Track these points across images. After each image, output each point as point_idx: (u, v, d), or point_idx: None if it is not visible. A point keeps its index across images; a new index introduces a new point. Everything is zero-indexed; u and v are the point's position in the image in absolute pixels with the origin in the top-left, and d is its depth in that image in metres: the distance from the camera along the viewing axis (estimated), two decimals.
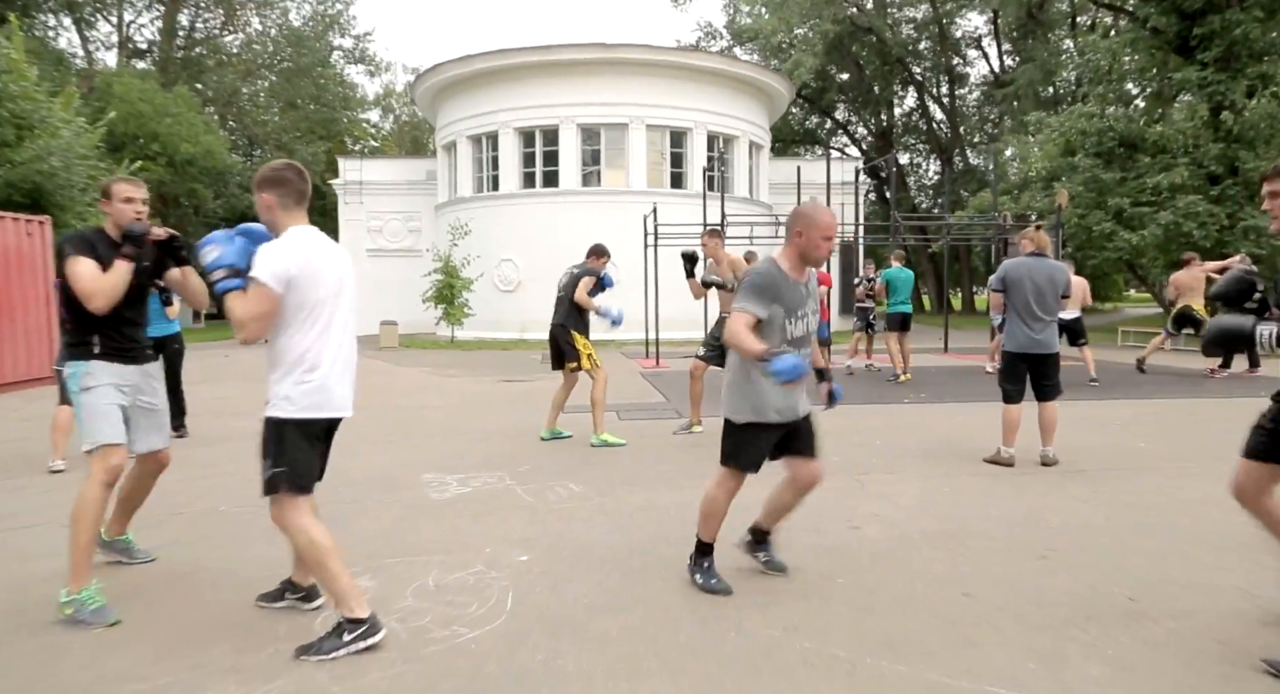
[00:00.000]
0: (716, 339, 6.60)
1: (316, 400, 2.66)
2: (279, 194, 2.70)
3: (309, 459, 2.71)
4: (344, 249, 2.89)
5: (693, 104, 21.12)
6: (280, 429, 2.66)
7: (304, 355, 2.64)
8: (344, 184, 25.81)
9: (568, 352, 6.29)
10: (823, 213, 3.02)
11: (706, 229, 6.78)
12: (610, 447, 6.16)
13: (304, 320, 2.63)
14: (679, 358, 14.24)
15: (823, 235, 2.96)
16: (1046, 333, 5.24)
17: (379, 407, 8.65)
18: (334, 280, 2.70)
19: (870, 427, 6.95)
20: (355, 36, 37.43)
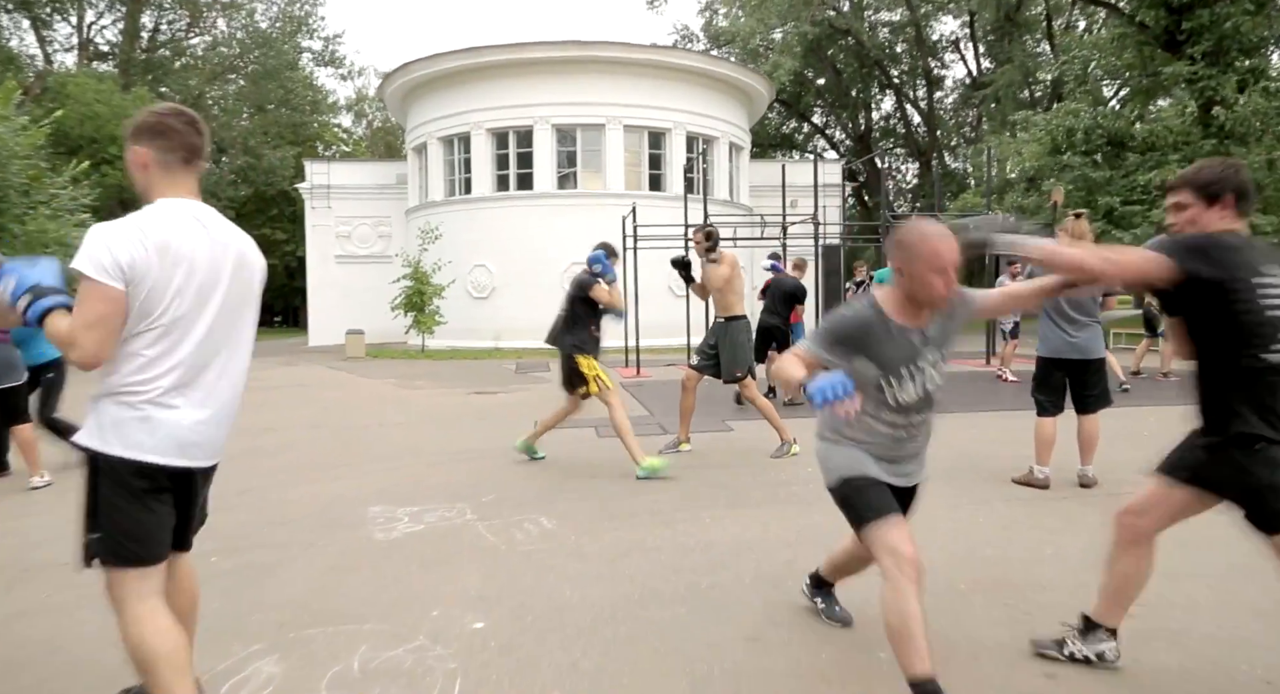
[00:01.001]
0: (713, 348, 5.92)
1: (155, 439, 1.89)
2: (159, 149, 1.96)
3: (139, 520, 1.90)
4: (239, 232, 2.13)
5: (671, 104, 20.50)
6: (94, 473, 1.90)
7: (143, 371, 1.88)
8: (311, 188, 24.88)
9: (575, 378, 5.43)
10: (929, 239, 2.15)
11: (701, 228, 6.10)
12: (658, 477, 5.11)
13: (150, 327, 1.88)
14: (660, 366, 13.55)
15: (931, 268, 2.13)
16: (1086, 335, 4.59)
17: (331, 425, 7.86)
18: (205, 275, 1.95)
19: None
20: (324, 38, 36.56)
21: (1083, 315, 4.59)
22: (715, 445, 6.27)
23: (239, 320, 2.07)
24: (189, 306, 1.92)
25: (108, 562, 1.90)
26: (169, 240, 1.88)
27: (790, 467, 5.42)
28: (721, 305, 5.95)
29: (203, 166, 2.07)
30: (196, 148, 2.02)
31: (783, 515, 4.21)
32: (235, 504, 4.68)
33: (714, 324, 6.03)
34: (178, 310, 1.90)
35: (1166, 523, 2.40)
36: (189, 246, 1.92)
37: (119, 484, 1.88)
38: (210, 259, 1.96)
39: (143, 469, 1.89)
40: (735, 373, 5.84)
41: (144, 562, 1.92)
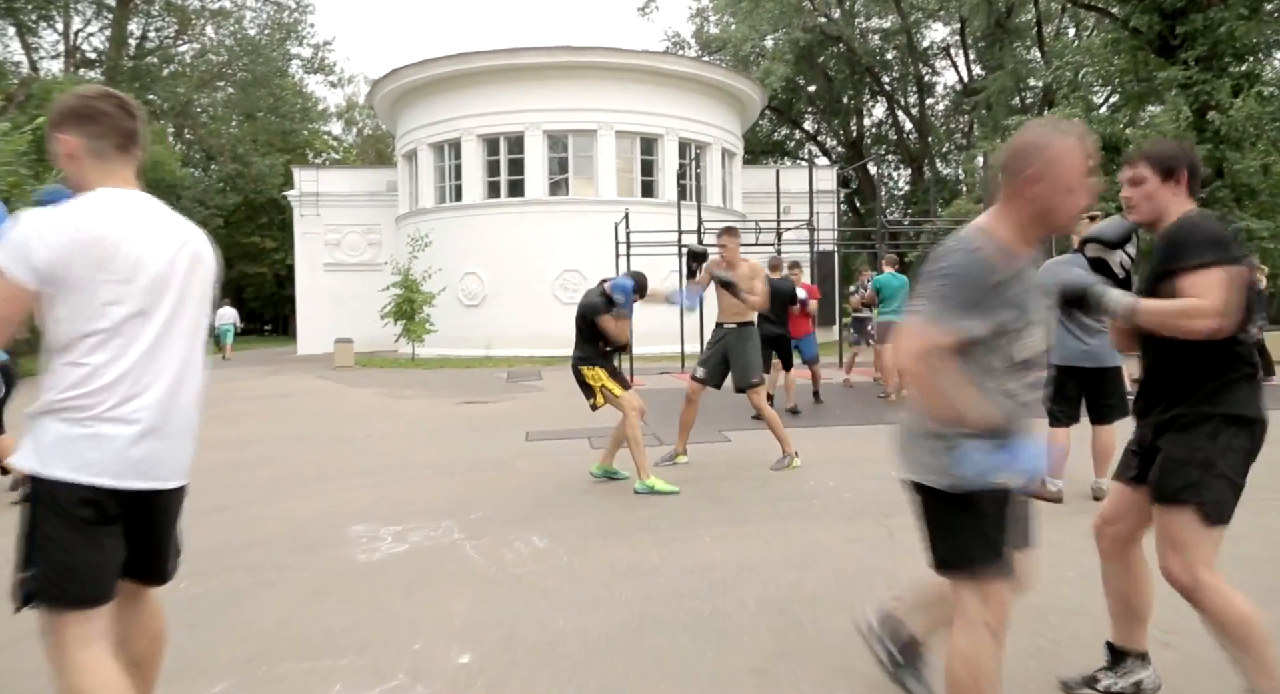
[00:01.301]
0: (717, 356, 5.71)
1: (106, 459, 1.66)
2: (89, 136, 1.75)
3: (81, 555, 1.67)
4: (190, 226, 1.91)
5: (663, 110, 20.36)
6: (32, 501, 1.67)
7: (87, 382, 1.66)
8: (299, 196, 24.61)
9: (583, 391, 5.26)
10: (1070, 140, 1.71)
11: (724, 228, 5.88)
12: (659, 494, 4.87)
13: (89, 332, 1.67)
14: (654, 375, 13.35)
15: (1072, 180, 1.68)
16: (1100, 342, 4.40)
17: (316, 437, 7.62)
18: (152, 274, 1.73)
19: (880, 453, 6.07)
20: (314, 45, 36.31)
21: (1098, 322, 4.41)
22: (713, 457, 6.07)
23: (196, 324, 1.86)
24: (135, 308, 1.70)
25: (45, 603, 1.68)
26: (105, 234, 1.67)
27: (792, 480, 5.22)
28: (729, 310, 5.71)
29: (140, 155, 1.86)
30: (131, 133, 1.81)
31: (786, 533, 4.01)
32: (209, 523, 4.45)
33: (719, 330, 5.79)
34: (120, 313, 1.68)
35: (1141, 525, 2.26)
36: (131, 242, 1.71)
37: (59, 514, 1.65)
38: (158, 256, 1.75)
39: (89, 496, 1.65)
40: (751, 379, 5.59)
41: (86, 603, 1.68)
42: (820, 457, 5.93)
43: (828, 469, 5.51)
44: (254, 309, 50.03)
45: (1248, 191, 14.90)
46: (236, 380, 14.64)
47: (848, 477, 5.27)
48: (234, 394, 11.95)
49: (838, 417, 8.03)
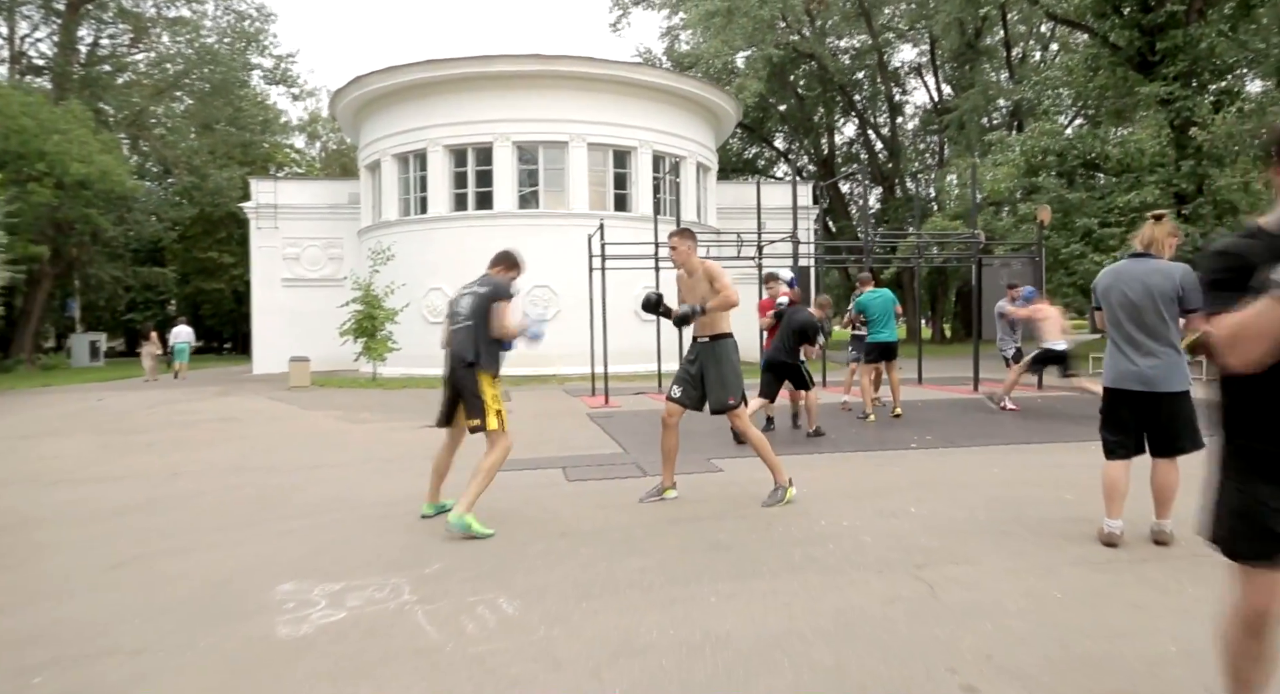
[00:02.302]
0: (695, 374, 5.02)
1: None
2: None
3: None
4: None
5: (637, 122, 19.83)
6: None
7: None
8: (256, 207, 23.61)
9: (470, 403, 4.49)
10: None
11: (677, 230, 5.22)
12: (475, 537, 4.22)
13: None
14: (629, 394, 12.66)
15: None
16: (1153, 363, 3.80)
17: (255, 468, 6.78)
18: None
19: (890, 483, 5.45)
20: (276, 57, 35.28)
21: (1151, 339, 3.82)
22: (704, 491, 5.37)
23: None
24: None
25: None
26: None
27: (800, 519, 4.55)
28: (703, 322, 5.02)
29: None
30: None
31: (808, 592, 3.33)
32: (103, 582, 3.66)
33: (694, 344, 5.11)
34: None
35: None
36: None
37: None
38: None
39: None
40: (728, 400, 4.92)
41: None
42: (823, 489, 5.27)
43: (836, 505, 4.85)
44: (212, 327, 48.42)
45: (1229, 208, 14.72)
46: (180, 402, 13.64)
47: (861, 514, 4.61)
48: (173, 417, 11.01)
49: (834, 442, 7.39)
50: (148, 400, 13.97)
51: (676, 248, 5.07)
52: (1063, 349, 8.79)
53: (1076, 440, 7.10)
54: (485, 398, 4.49)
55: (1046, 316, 8.91)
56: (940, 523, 4.36)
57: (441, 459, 4.87)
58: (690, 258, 5.07)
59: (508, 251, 4.91)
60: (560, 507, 5.01)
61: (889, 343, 8.99)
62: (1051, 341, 8.83)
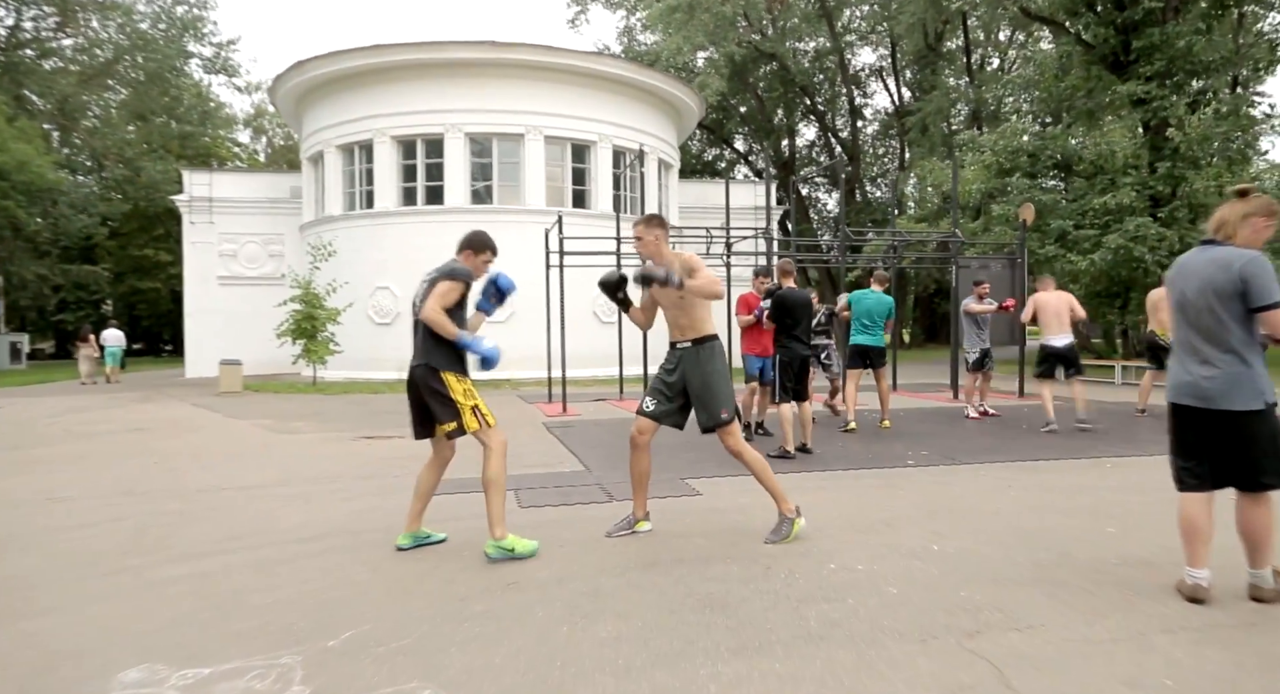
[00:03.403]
0: (673, 385, 4.17)
1: None
2: None
3: None
4: None
5: (597, 115, 19.00)
6: None
7: None
8: (190, 201, 22.16)
9: (438, 408, 3.79)
10: None
11: (643, 216, 4.35)
12: (516, 558, 3.76)
13: None
14: (588, 401, 11.80)
15: None
16: (1210, 373, 3.03)
17: (149, 491, 5.74)
18: None
19: (898, 510, 4.68)
20: (216, 44, 33.59)
21: (1209, 344, 3.07)
22: (683, 521, 4.53)
23: None
24: None
25: None
26: None
27: (801, 559, 3.73)
28: (682, 324, 4.17)
29: None
30: None
31: (836, 676, 2.50)
32: None
33: (672, 352, 4.26)
34: None
35: None
36: None
37: None
38: None
39: None
40: (720, 415, 4.07)
41: None
42: (823, 518, 4.47)
43: (842, 540, 4.06)
44: (149, 328, 46.07)
45: (1205, 211, 14.39)
46: (93, 409, 12.35)
47: (875, 553, 3.82)
48: (76, 428, 9.80)
49: (820, 457, 6.62)
50: (53, 409, 12.63)
51: (643, 237, 4.18)
52: (1065, 345, 8.09)
53: (1088, 456, 6.46)
54: (454, 395, 3.77)
55: (1044, 307, 8.12)
56: (975, 566, 3.58)
57: (425, 477, 4.06)
58: (661, 248, 4.20)
59: (473, 233, 4.08)
60: None
61: (869, 346, 8.27)
62: (1049, 337, 8.16)
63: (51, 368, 31.14)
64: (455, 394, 3.76)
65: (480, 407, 3.81)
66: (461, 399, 3.76)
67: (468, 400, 3.77)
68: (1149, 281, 16.92)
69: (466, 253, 3.97)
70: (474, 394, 3.82)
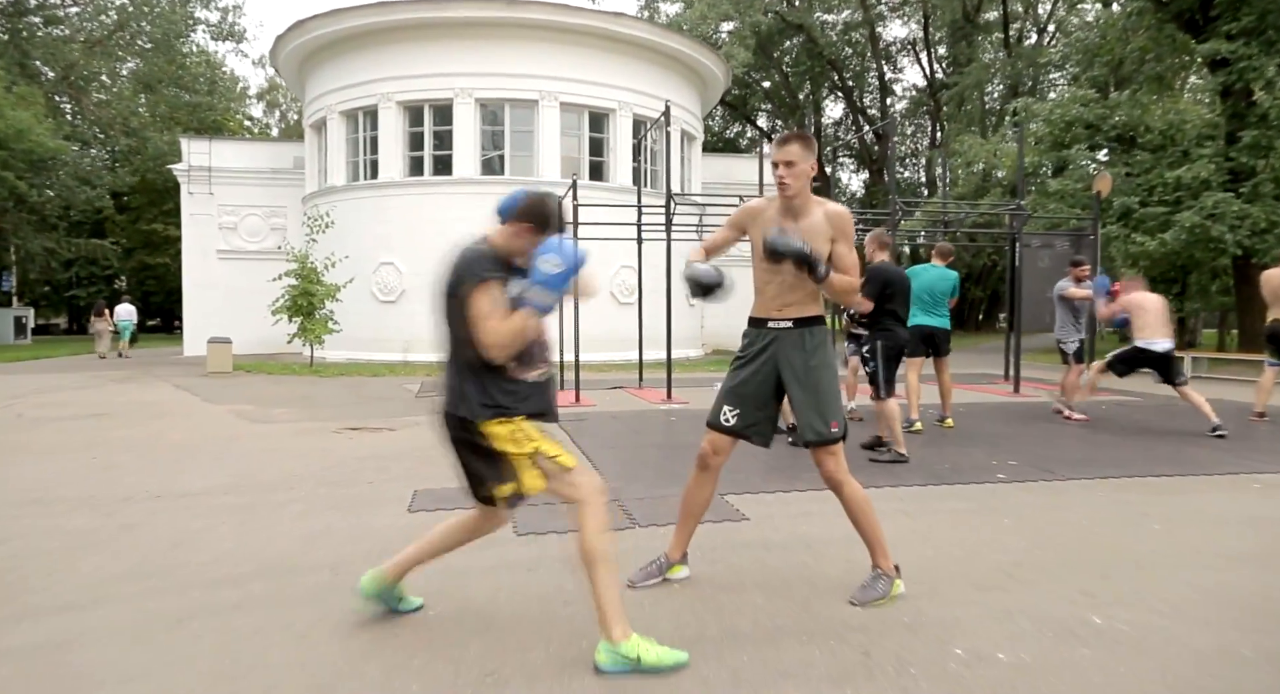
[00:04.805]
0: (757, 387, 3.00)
1: None
2: None
3: None
4: None
5: (616, 81, 17.73)
6: None
7: None
8: (188, 170, 21.13)
9: (483, 467, 2.50)
10: None
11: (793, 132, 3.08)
12: (645, 671, 2.34)
13: None
14: (605, 389, 10.68)
15: None
16: None
17: (60, 500, 4.66)
18: None
19: (1014, 550, 3.50)
20: (221, 9, 32.46)
21: None
22: (728, 563, 3.40)
23: None
24: None
25: None
26: None
27: (906, 635, 2.59)
28: (788, 297, 2.93)
29: None
30: None
31: None
32: None
33: (759, 332, 3.02)
34: None
35: None
36: None
37: None
38: None
39: None
40: (831, 429, 2.88)
41: None
42: (920, 562, 3.32)
43: (959, 603, 2.91)
44: (160, 304, 45.27)
45: None
46: (64, 390, 11.38)
47: (1015, 629, 2.68)
48: (30, 411, 8.78)
49: (885, 466, 5.47)
50: (23, 388, 11.67)
51: (794, 163, 2.83)
52: (1165, 350, 6.92)
53: (1221, 471, 5.26)
54: (503, 448, 2.46)
55: (1143, 307, 7.01)
56: (1176, 658, 2.42)
57: (453, 530, 2.78)
58: (808, 186, 2.92)
59: (533, 196, 2.53)
60: (497, 596, 3.01)
61: (934, 329, 7.05)
62: (1149, 339, 6.96)
63: (59, 343, 30.46)
64: (503, 444, 2.46)
65: (541, 450, 2.49)
66: (514, 448, 2.46)
67: (523, 448, 2.47)
68: (1216, 265, 15.55)
69: (521, 227, 2.47)
70: (530, 435, 2.49)
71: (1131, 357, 7.09)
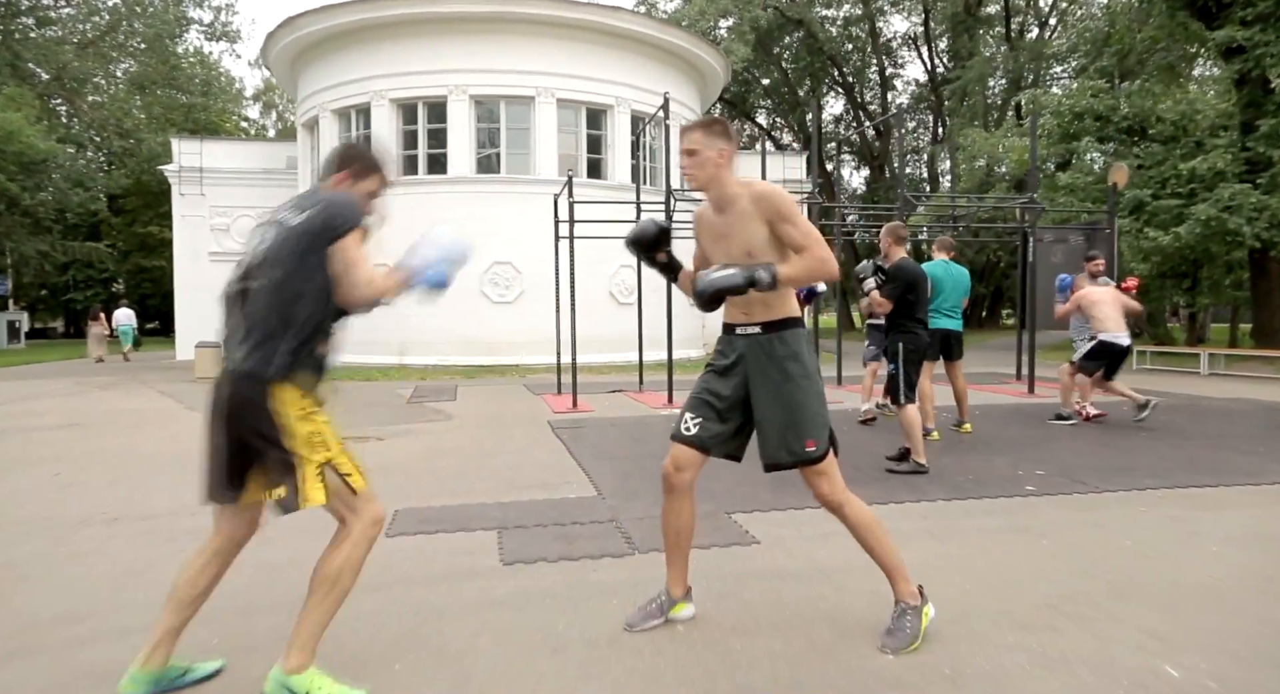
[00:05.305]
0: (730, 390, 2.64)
1: None
2: None
3: None
4: None
5: (614, 77, 17.35)
6: None
7: None
8: (179, 171, 20.76)
9: (264, 453, 2.11)
10: None
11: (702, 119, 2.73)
12: None
13: None
14: (603, 393, 10.31)
15: None
16: None
17: (21, 523, 4.29)
18: None
19: (1063, 581, 3.12)
20: (214, 8, 32.09)
21: None
22: (737, 597, 3.03)
23: None
24: None
25: None
26: None
27: (950, 690, 2.22)
28: (747, 297, 2.55)
29: None
30: None
31: None
32: None
33: (730, 340, 2.67)
34: None
35: None
36: None
37: None
38: None
39: None
40: (803, 445, 2.51)
41: None
42: (952, 592, 2.95)
43: (1003, 647, 2.54)
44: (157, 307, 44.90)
45: None
46: (42, 397, 11.01)
47: (1074, 683, 2.30)
48: (3, 421, 8.42)
49: (909, 478, 5.10)
50: (2, 396, 11.31)
51: (698, 152, 2.51)
52: (1128, 345, 6.67)
53: (1269, 480, 4.89)
54: (292, 435, 2.09)
55: (1095, 300, 6.77)
56: None
57: (195, 570, 2.33)
58: (722, 175, 2.57)
59: (340, 146, 2.51)
60: (476, 642, 2.64)
61: (951, 332, 6.70)
62: (1114, 333, 6.71)
63: (54, 348, 30.08)
64: (294, 431, 2.09)
65: (335, 459, 2.14)
66: (302, 444, 2.09)
67: (314, 450, 2.11)
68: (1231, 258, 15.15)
69: (343, 174, 2.34)
70: (327, 442, 2.14)
71: (1099, 351, 6.82)
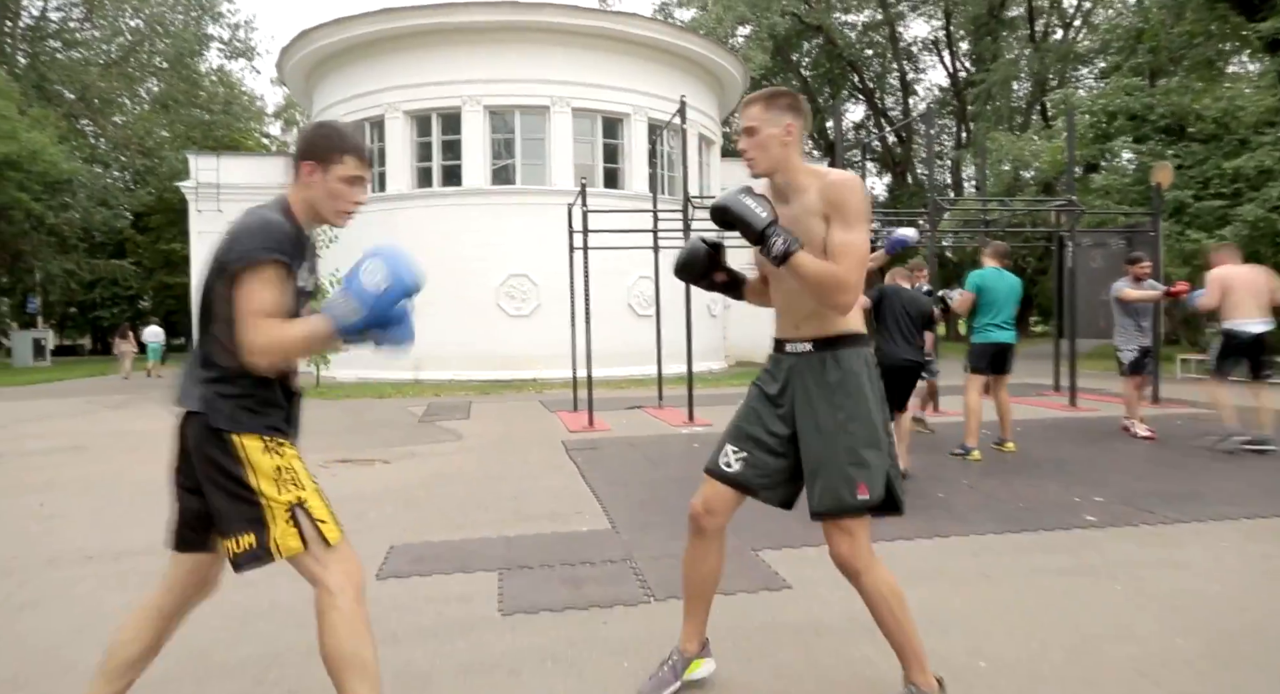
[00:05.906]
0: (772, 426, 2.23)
1: None
2: None
3: None
4: None
5: (630, 85, 17.08)
6: None
7: None
8: (196, 187, 20.80)
9: (222, 503, 1.78)
10: None
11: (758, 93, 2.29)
12: None
13: None
14: (621, 410, 9.93)
15: None
16: None
17: None
18: None
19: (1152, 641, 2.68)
20: (232, 25, 32.35)
21: None
22: (764, 653, 2.62)
23: None
24: None
25: None
26: None
27: None
28: (800, 308, 2.13)
29: None
30: None
31: None
32: None
33: (780, 359, 2.22)
34: None
35: None
36: None
37: None
38: None
39: None
40: (854, 493, 2.04)
41: None
42: (1010, 657, 2.52)
43: None
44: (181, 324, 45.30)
45: None
46: (52, 418, 10.82)
47: None
48: (4, 444, 8.20)
49: (945, 503, 4.66)
50: (15, 415, 11.15)
51: (755, 129, 2.07)
52: (1259, 332, 5.99)
53: None
54: (254, 481, 1.79)
55: (1229, 286, 6.04)
56: None
57: (131, 631, 1.95)
58: (790, 157, 2.09)
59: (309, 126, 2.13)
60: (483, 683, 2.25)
61: (1006, 345, 6.24)
62: (1238, 320, 6.04)
63: (80, 365, 30.28)
64: (256, 478, 1.79)
65: (310, 504, 1.82)
66: (268, 487, 1.79)
67: (284, 493, 1.79)
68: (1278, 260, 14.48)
69: (308, 166, 1.92)
70: (299, 480, 1.83)
71: (1229, 345, 6.17)
